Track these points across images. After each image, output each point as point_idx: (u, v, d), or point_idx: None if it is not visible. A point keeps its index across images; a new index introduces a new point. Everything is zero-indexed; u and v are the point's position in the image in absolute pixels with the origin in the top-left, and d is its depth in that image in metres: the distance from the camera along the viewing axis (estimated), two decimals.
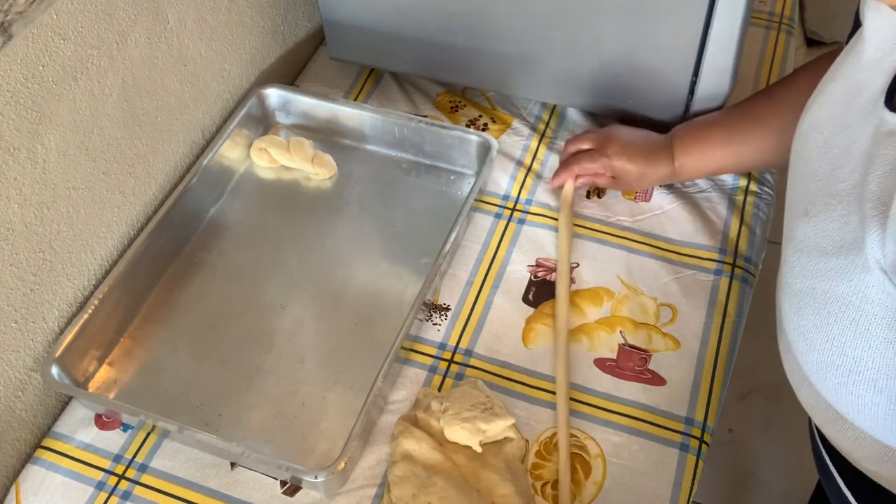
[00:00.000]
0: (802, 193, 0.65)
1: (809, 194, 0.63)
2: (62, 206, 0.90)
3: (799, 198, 0.66)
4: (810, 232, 0.62)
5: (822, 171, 0.63)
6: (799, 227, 0.64)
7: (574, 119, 1.18)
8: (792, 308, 0.65)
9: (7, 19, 0.75)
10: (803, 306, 0.63)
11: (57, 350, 0.90)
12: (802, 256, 0.62)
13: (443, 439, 0.85)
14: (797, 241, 0.64)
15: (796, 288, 0.64)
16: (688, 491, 0.85)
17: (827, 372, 0.62)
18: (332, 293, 1.00)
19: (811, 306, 0.62)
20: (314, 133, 1.16)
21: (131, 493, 0.87)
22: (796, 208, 0.66)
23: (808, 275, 0.62)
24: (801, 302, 0.63)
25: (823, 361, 0.62)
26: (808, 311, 0.62)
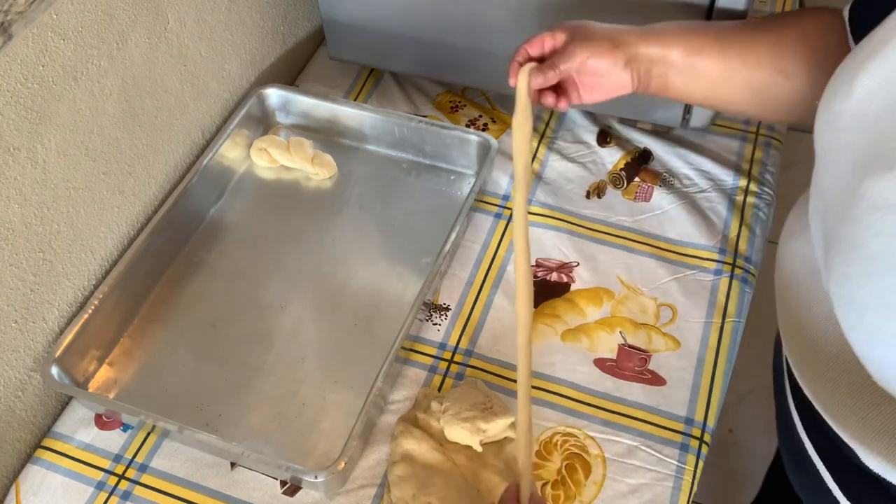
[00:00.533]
0: (878, 152, 0.60)
1: (890, 151, 0.59)
2: (62, 206, 0.90)
3: (873, 156, 0.61)
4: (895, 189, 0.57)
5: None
6: (880, 184, 0.59)
7: (574, 119, 1.18)
8: (864, 272, 0.60)
9: (7, 19, 0.75)
10: (886, 268, 0.58)
11: (57, 350, 0.90)
12: (887, 215, 0.58)
13: (443, 439, 0.85)
14: (878, 198, 0.59)
15: (875, 250, 0.58)
16: (688, 491, 0.85)
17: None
18: (332, 293, 1.00)
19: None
20: (314, 133, 1.16)
21: (131, 493, 0.87)
22: (869, 166, 0.61)
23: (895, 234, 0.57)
24: (885, 264, 0.58)
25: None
26: (892, 274, 0.57)
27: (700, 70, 0.83)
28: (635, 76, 0.83)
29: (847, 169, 0.63)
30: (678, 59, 0.82)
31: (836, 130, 0.66)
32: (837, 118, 0.65)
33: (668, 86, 0.84)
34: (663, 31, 0.84)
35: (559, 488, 0.85)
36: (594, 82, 0.84)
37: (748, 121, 1.17)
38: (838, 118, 0.65)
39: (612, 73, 0.83)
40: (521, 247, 0.79)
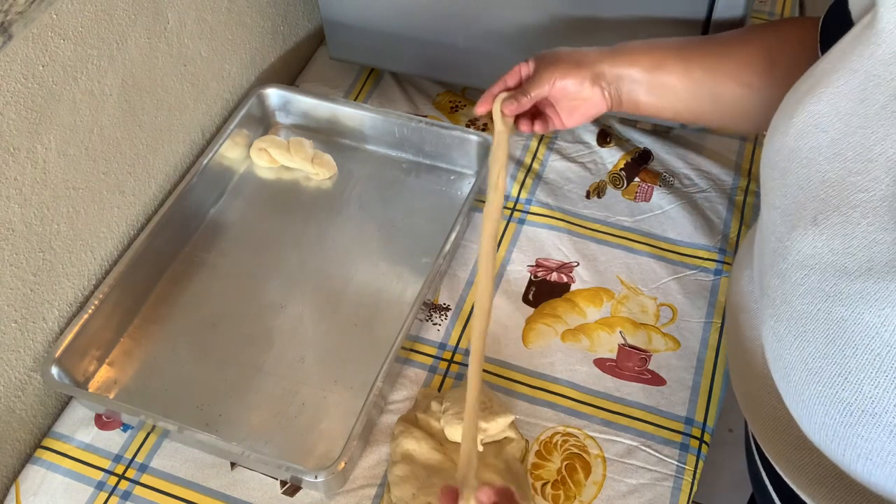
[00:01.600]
0: (805, 200, 0.57)
1: (817, 201, 0.55)
2: (62, 206, 0.90)
3: (800, 204, 0.57)
4: (823, 246, 0.54)
5: (832, 175, 0.55)
6: (805, 239, 0.56)
7: None
8: (791, 332, 0.57)
9: (7, 19, 0.75)
10: (809, 331, 0.54)
11: (57, 350, 0.90)
12: (812, 274, 0.54)
13: (443, 439, 0.85)
14: (803, 254, 0.56)
15: (801, 310, 0.55)
16: (688, 491, 0.85)
17: (830, 408, 0.54)
18: (332, 293, 1.00)
19: (822, 332, 0.53)
20: (314, 133, 1.16)
21: (131, 493, 0.87)
22: (794, 215, 0.58)
23: (822, 296, 0.53)
24: (808, 326, 0.55)
25: (828, 397, 0.54)
26: (816, 337, 0.54)
27: (664, 84, 0.83)
28: (606, 94, 0.84)
29: (778, 214, 0.60)
30: (641, 74, 0.83)
31: (773, 168, 0.63)
32: (775, 155, 0.63)
33: (638, 102, 0.85)
34: (626, 47, 0.84)
35: (559, 488, 0.85)
36: (570, 105, 0.85)
37: None
38: (776, 155, 0.63)
39: (581, 92, 0.84)
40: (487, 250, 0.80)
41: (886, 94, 0.54)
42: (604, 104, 0.85)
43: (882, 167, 0.52)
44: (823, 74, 0.60)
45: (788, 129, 0.61)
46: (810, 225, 0.55)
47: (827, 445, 0.56)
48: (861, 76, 0.56)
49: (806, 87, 0.61)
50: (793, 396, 0.58)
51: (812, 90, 0.60)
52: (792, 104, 0.62)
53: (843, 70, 0.58)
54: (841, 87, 0.57)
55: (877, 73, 0.55)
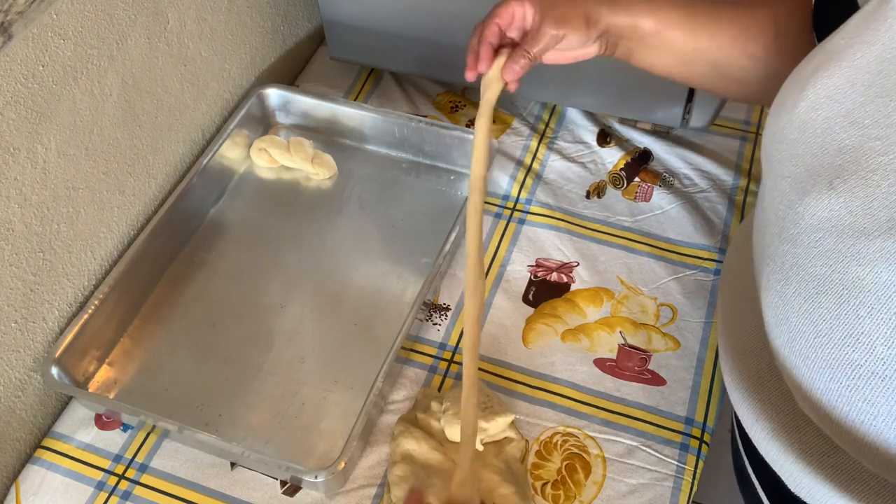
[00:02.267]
0: (820, 167, 0.58)
1: (833, 167, 0.56)
2: (62, 206, 0.90)
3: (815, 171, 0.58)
4: (841, 208, 0.54)
5: (849, 143, 0.56)
6: (820, 203, 0.56)
7: (574, 119, 1.18)
8: (801, 295, 0.57)
9: (7, 19, 0.75)
10: (822, 293, 0.55)
11: (57, 350, 0.90)
12: (828, 236, 0.55)
13: (443, 439, 0.85)
14: (818, 217, 0.56)
15: (814, 272, 0.56)
16: (688, 491, 0.85)
17: (837, 371, 0.55)
18: (332, 293, 1.00)
19: (835, 293, 0.54)
20: (314, 133, 1.16)
21: (131, 493, 0.87)
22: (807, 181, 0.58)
23: (838, 257, 0.54)
24: (820, 288, 0.55)
25: (837, 359, 0.54)
26: (828, 298, 0.54)
27: (668, 47, 0.80)
28: (602, 46, 0.80)
29: (788, 184, 0.61)
30: (647, 33, 0.79)
31: (780, 141, 0.63)
32: (783, 129, 0.63)
33: (631, 56, 0.82)
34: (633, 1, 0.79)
35: (559, 488, 0.85)
36: (558, 55, 0.80)
37: (748, 120, 1.17)
38: (784, 129, 0.63)
39: (581, 46, 0.79)
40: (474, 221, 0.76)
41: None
42: (594, 54, 0.81)
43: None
44: (836, 49, 0.61)
45: (798, 103, 0.61)
46: (826, 189, 0.56)
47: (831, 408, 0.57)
48: (878, 49, 0.57)
49: (817, 62, 0.62)
50: (797, 360, 0.58)
51: (825, 65, 0.61)
52: (802, 79, 0.62)
53: (860, 44, 0.58)
54: (857, 60, 0.58)
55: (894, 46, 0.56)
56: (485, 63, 0.77)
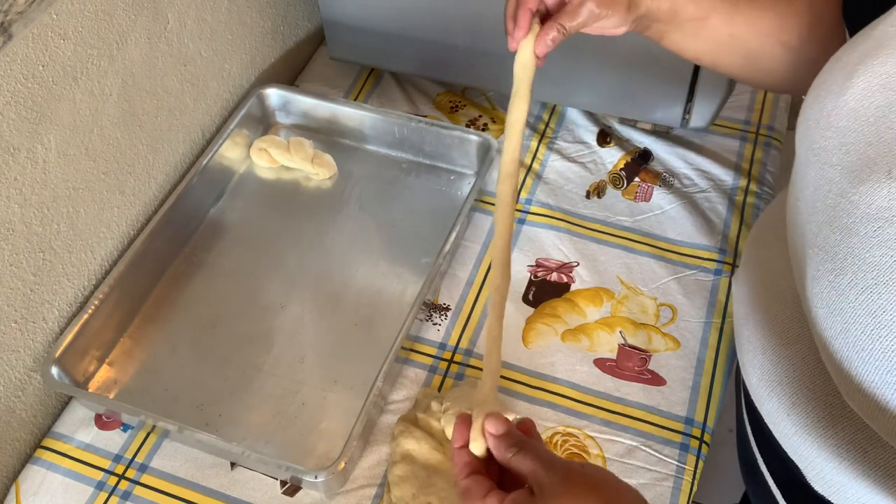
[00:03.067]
0: (877, 155, 0.57)
1: (892, 156, 0.56)
2: (62, 206, 0.90)
3: (872, 160, 0.58)
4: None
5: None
6: (878, 192, 0.56)
7: (574, 119, 1.18)
8: (858, 285, 0.56)
9: (7, 19, 0.75)
10: (882, 283, 0.54)
11: (57, 350, 0.90)
12: (887, 225, 0.54)
13: (443, 439, 0.85)
14: (876, 206, 0.55)
15: (873, 262, 0.55)
16: (688, 491, 0.85)
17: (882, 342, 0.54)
18: (332, 293, 1.00)
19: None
20: (314, 133, 1.16)
21: (131, 493, 0.87)
22: (865, 171, 0.58)
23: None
24: (881, 278, 0.54)
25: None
26: (888, 289, 0.54)
27: (704, 32, 0.79)
28: (634, 26, 0.78)
29: (838, 172, 0.60)
30: (686, 18, 0.77)
31: (826, 129, 0.63)
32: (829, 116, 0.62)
33: (663, 38, 0.80)
34: None
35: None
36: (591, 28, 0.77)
37: (748, 120, 1.17)
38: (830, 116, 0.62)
39: (616, 27, 0.77)
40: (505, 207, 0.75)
41: None
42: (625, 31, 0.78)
43: None
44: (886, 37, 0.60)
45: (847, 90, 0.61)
46: (885, 178, 0.55)
47: (886, 401, 0.56)
48: None
49: (864, 49, 0.61)
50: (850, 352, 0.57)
51: (874, 52, 0.60)
52: (849, 65, 0.62)
53: None
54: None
55: None
56: (522, 30, 0.74)
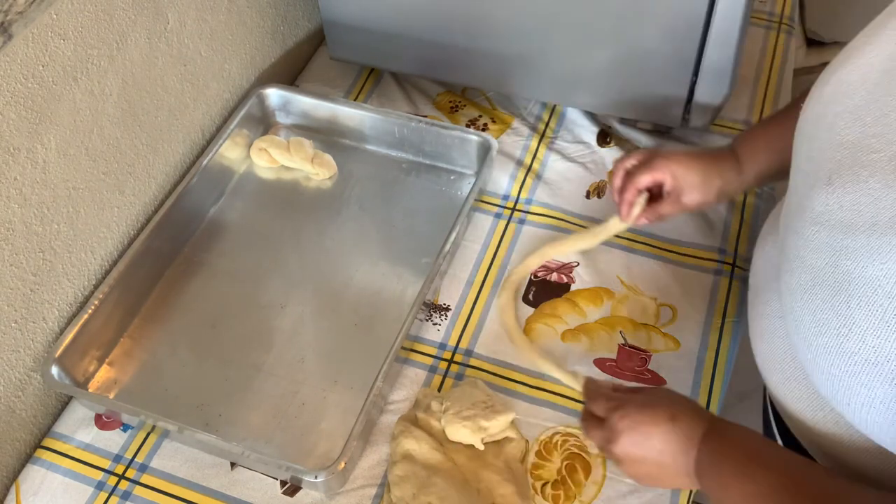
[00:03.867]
0: (823, 161, 0.60)
1: (833, 162, 0.58)
2: (62, 206, 0.90)
3: (819, 166, 0.60)
4: (834, 203, 0.57)
5: (850, 138, 0.58)
6: (818, 197, 0.58)
7: (574, 119, 1.18)
8: (802, 285, 0.59)
9: (7, 19, 0.75)
10: (818, 284, 0.57)
11: (57, 350, 0.90)
12: (823, 230, 0.57)
13: (443, 439, 0.85)
14: (816, 212, 0.58)
15: (811, 263, 0.58)
16: (688, 491, 0.84)
17: (836, 358, 0.57)
18: (332, 293, 1.00)
19: (829, 286, 0.56)
20: (314, 133, 1.16)
21: (131, 493, 0.87)
22: (814, 176, 0.60)
23: (829, 250, 0.56)
24: (817, 279, 0.57)
25: (834, 347, 0.56)
26: (823, 290, 0.57)
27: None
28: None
29: (801, 178, 0.63)
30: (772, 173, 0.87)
31: (802, 135, 0.66)
32: (803, 123, 0.66)
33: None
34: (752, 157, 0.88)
35: (559, 488, 0.85)
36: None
37: (748, 120, 1.17)
38: (804, 123, 0.65)
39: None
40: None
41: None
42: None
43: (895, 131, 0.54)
44: (855, 46, 0.62)
45: (820, 97, 0.63)
46: (825, 184, 0.58)
47: (833, 396, 0.59)
48: (891, 47, 0.58)
49: (841, 57, 0.64)
50: (804, 348, 0.60)
51: (846, 61, 0.63)
52: (827, 74, 0.64)
53: (875, 42, 0.60)
54: (871, 58, 0.60)
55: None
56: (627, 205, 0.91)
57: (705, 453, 0.67)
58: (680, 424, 0.69)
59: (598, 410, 0.75)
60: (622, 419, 0.71)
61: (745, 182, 0.88)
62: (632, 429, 0.71)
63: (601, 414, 0.74)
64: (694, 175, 0.87)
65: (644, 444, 0.70)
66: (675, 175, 0.87)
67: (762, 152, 0.86)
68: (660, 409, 0.71)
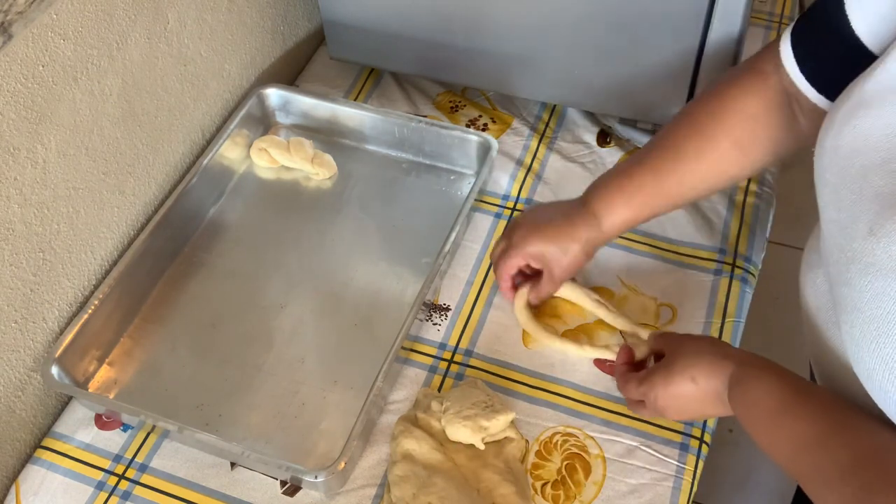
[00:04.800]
0: (860, 213, 0.61)
1: (871, 213, 0.60)
2: (62, 206, 0.90)
3: (855, 216, 0.62)
4: (882, 253, 0.58)
5: (885, 190, 0.59)
6: (864, 248, 0.60)
7: (574, 119, 1.18)
8: (867, 336, 0.60)
9: (7, 19, 0.75)
10: (884, 334, 0.58)
11: (57, 350, 0.90)
12: (876, 280, 0.58)
13: (443, 439, 0.85)
14: (864, 262, 0.60)
15: (871, 314, 0.59)
16: (688, 491, 0.85)
17: None
18: (332, 293, 1.00)
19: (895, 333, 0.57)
20: (314, 133, 1.16)
21: (131, 494, 0.87)
22: (853, 227, 0.62)
23: (888, 299, 0.57)
24: (882, 329, 0.58)
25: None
26: (891, 339, 0.58)
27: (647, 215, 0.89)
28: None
29: (836, 228, 0.65)
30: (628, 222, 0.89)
31: (825, 186, 0.67)
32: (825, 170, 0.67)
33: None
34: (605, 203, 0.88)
35: (559, 488, 0.85)
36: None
37: None
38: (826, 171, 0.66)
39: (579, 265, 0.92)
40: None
41: None
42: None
43: None
44: (867, 96, 0.63)
45: (838, 148, 0.64)
46: (868, 236, 0.60)
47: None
48: None
49: (850, 105, 0.64)
50: (879, 395, 0.61)
51: (857, 111, 0.63)
52: (837, 122, 0.65)
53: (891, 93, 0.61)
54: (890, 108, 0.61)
55: None
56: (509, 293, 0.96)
57: (734, 398, 0.72)
58: (702, 384, 0.75)
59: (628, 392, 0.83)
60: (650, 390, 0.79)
61: (607, 235, 0.90)
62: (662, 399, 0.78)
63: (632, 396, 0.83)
64: (551, 252, 0.90)
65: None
66: (537, 259, 0.91)
67: (620, 207, 0.88)
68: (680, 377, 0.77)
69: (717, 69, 1.00)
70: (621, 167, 0.90)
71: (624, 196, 0.87)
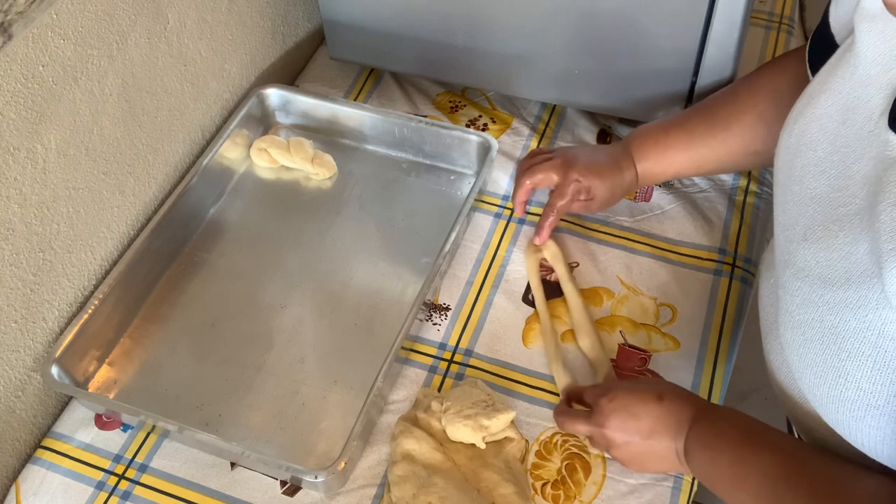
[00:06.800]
0: (798, 216, 0.61)
1: (806, 217, 0.60)
2: (62, 206, 0.90)
3: (794, 219, 0.62)
4: (811, 259, 0.58)
5: (818, 192, 0.59)
6: (798, 252, 0.60)
7: (574, 119, 1.18)
8: (796, 339, 0.60)
9: (7, 19, 0.75)
10: (809, 339, 0.58)
11: (57, 350, 0.90)
12: (805, 285, 0.58)
13: (443, 439, 0.85)
14: (797, 266, 0.60)
15: (800, 318, 0.59)
16: (688, 491, 0.85)
17: (840, 406, 0.57)
18: (332, 293, 1.00)
19: (819, 339, 0.57)
20: (314, 133, 1.16)
21: (131, 494, 0.87)
22: (792, 230, 0.62)
23: (813, 306, 0.57)
24: (807, 334, 0.58)
25: (836, 396, 0.57)
26: (815, 344, 0.58)
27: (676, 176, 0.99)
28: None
29: (780, 229, 0.65)
30: (658, 177, 0.97)
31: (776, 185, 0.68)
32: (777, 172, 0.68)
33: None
34: (642, 153, 0.96)
35: (559, 488, 0.85)
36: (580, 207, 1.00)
37: None
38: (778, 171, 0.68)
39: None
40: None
41: (863, 115, 0.57)
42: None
43: (858, 184, 0.55)
44: (813, 95, 0.64)
45: (788, 147, 0.65)
46: (801, 240, 0.60)
47: (846, 436, 0.60)
48: (843, 97, 0.60)
49: (801, 105, 0.65)
50: (809, 396, 0.61)
51: (803, 110, 0.64)
52: (790, 124, 0.66)
53: (829, 91, 0.62)
54: (827, 108, 0.61)
55: (856, 94, 0.58)
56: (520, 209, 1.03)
57: (695, 434, 0.69)
58: (668, 404, 0.71)
59: (587, 397, 0.79)
60: (611, 401, 0.74)
61: (644, 181, 0.98)
62: (621, 409, 0.73)
63: (589, 400, 0.78)
64: (602, 189, 0.96)
65: (632, 425, 0.72)
66: (590, 194, 0.96)
67: (652, 160, 0.95)
68: (647, 391, 0.74)
69: (717, 69, 1.00)
70: (664, 121, 0.97)
71: (658, 149, 0.94)
